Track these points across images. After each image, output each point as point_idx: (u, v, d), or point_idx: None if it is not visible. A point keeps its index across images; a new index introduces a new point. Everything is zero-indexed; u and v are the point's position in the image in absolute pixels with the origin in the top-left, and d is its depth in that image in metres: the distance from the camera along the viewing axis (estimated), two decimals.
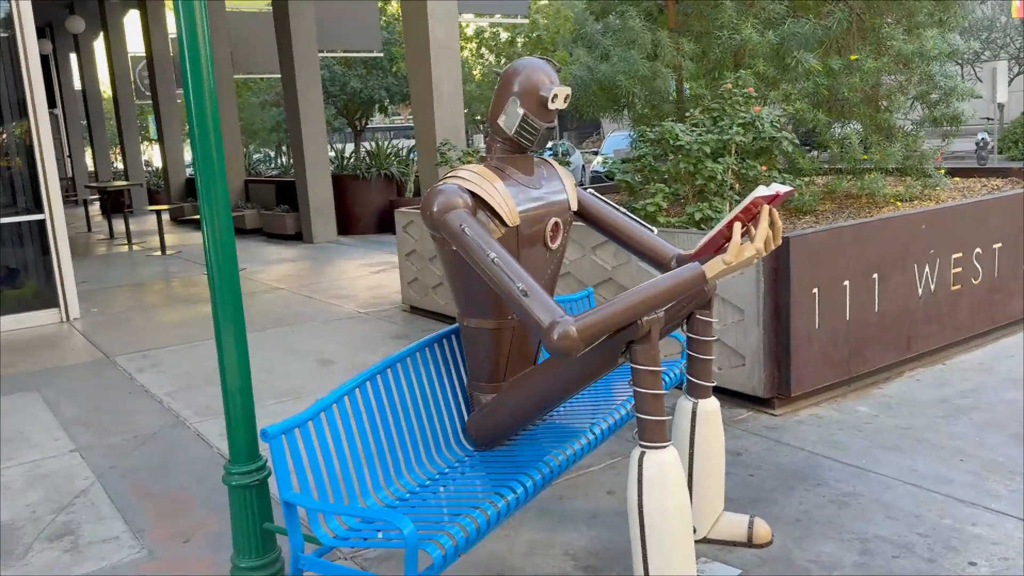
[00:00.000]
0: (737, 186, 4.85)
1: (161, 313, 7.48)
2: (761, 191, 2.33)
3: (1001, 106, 11.71)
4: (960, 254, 4.72)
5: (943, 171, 6.26)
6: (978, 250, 4.81)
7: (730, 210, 4.67)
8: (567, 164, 18.32)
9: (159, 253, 11.63)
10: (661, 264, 2.94)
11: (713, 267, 2.31)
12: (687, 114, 5.22)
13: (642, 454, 2.45)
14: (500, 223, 2.59)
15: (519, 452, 2.83)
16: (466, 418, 2.95)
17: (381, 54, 17.50)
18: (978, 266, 4.82)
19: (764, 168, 4.90)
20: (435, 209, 2.50)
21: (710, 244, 2.44)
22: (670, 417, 2.57)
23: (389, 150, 13.46)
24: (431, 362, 2.89)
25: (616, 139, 17.93)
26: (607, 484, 3.42)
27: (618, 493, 3.32)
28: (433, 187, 2.56)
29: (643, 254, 2.97)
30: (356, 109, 23.73)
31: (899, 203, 5.84)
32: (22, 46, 6.85)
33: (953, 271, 4.68)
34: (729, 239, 2.42)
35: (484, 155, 2.78)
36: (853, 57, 5.92)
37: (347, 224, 12.83)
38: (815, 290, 4.03)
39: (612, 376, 3.37)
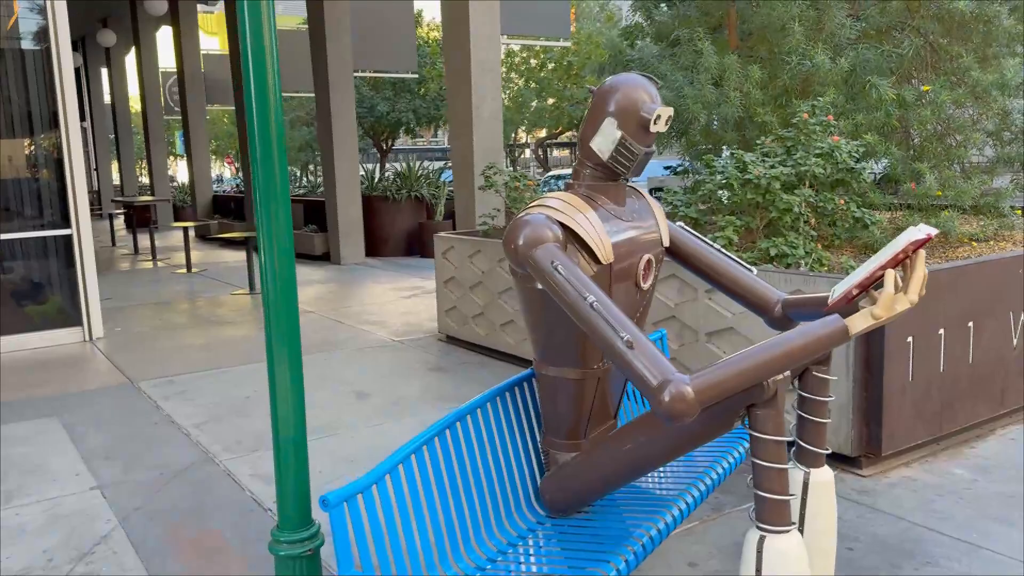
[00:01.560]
0: (813, 220, 4.50)
1: (187, 334, 7.20)
2: (913, 233, 1.99)
3: None
4: None
5: (1020, 211, 5.90)
6: None
7: (818, 247, 4.33)
8: None
9: (184, 271, 11.40)
10: (764, 309, 2.61)
11: (859, 322, 1.97)
12: (756, 143, 4.89)
13: (762, 539, 2.10)
14: (592, 259, 2.27)
15: (599, 522, 2.49)
16: (539, 479, 2.61)
17: (416, 75, 17.33)
18: None
19: (842, 202, 4.55)
20: (521, 243, 2.18)
21: (846, 294, 2.10)
22: (795, 495, 2.22)
23: (420, 172, 13.21)
24: (502, 414, 2.56)
25: (650, 167, 17.59)
26: (687, 555, 3.06)
27: (700, 566, 2.96)
28: (517, 217, 2.24)
29: (743, 297, 2.64)
30: (383, 130, 23.65)
31: (974, 243, 5.47)
32: (56, 59, 6.64)
33: None
34: (865, 288, 2.09)
35: (569, 182, 2.46)
36: (926, 88, 5.58)
37: (375, 246, 12.57)
38: (910, 339, 3.67)
39: None
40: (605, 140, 2.31)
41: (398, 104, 21.72)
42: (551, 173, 22.63)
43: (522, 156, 38.97)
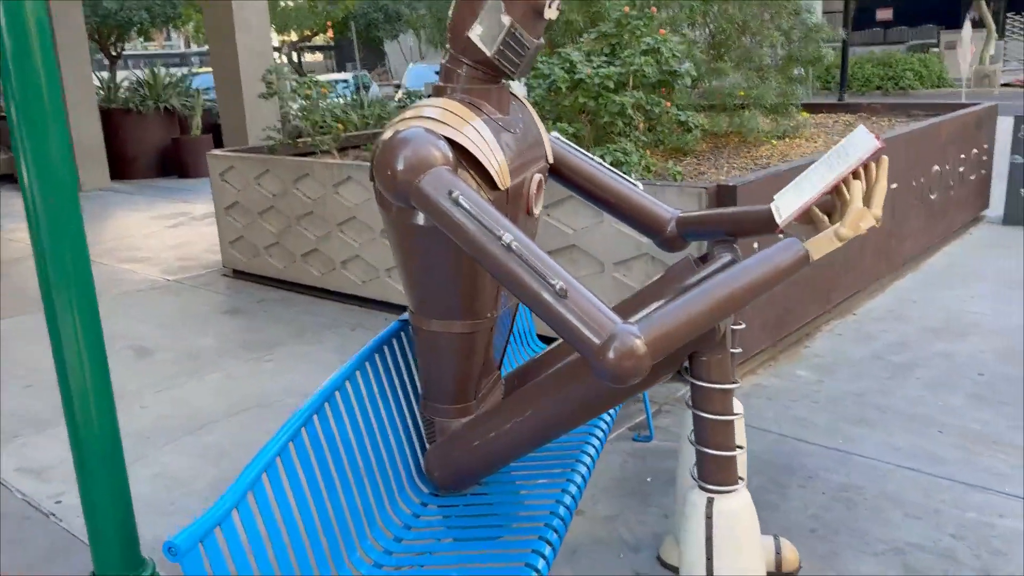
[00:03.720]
0: (642, 124, 4.26)
1: None
2: (865, 140, 1.71)
3: (844, 42, 12.10)
4: None
5: (804, 111, 6.10)
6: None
7: (644, 152, 4.08)
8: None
9: None
10: (655, 229, 2.28)
11: (823, 245, 1.68)
12: (580, 40, 4.53)
13: (710, 501, 1.81)
14: (486, 184, 1.80)
15: (496, 499, 2.10)
16: (419, 453, 2.17)
17: None
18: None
19: (668, 104, 4.34)
20: (400, 168, 1.65)
21: (804, 212, 1.80)
22: (743, 448, 1.95)
23: (167, 79, 11.64)
24: (373, 381, 2.06)
25: (420, 71, 16.87)
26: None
27: (587, 512, 2.68)
28: (392, 135, 1.70)
29: (631, 217, 2.29)
30: (110, 33, 20.76)
31: (774, 141, 5.57)
32: None
33: None
34: (822, 205, 1.81)
35: (439, 85, 1.93)
36: None
37: (121, 168, 11.01)
38: (755, 244, 3.56)
39: None
40: (489, 30, 1.81)
41: (128, 2, 19.06)
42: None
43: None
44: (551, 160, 2.13)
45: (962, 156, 5.66)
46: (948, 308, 4.42)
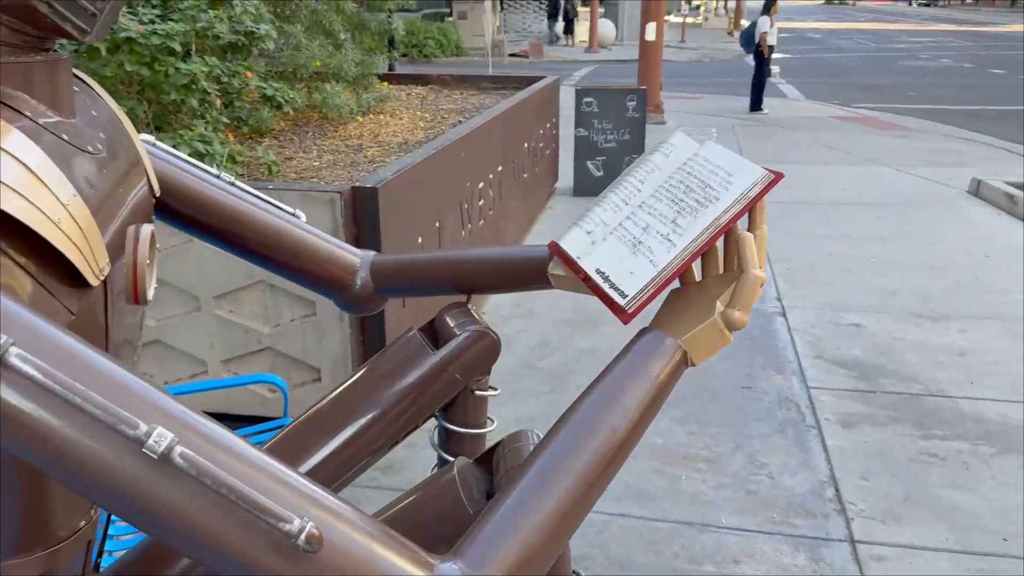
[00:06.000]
0: (219, 101, 3.23)
1: None
2: (751, 168, 1.07)
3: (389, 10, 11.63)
4: (482, 183, 4.03)
5: (384, 82, 5.53)
6: (490, 174, 4.20)
7: (226, 138, 3.07)
8: None
9: None
10: (336, 284, 1.41)
11: (709, 340, 0.98)
12: None
13: None
14: (59, 278, 0.78)
15: None
16: None
17: None
18: (491, 192, 4.22)
19: (249, 75, 3.37)
20: None
21: (656, 288, 1.09)
22: None
23: None
24: None
25: None
26: None
27: None
28: None
29: (299, 269, 1.38)
30: None
31: (360, 118, 4.89)
32: None
33: (479, 203, 3.98)
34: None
35: None
36: None
37: None
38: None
39: None
40: None
41: None
42: None
43: None
44: (157, 191, 1.12)
45: (540, 132, 5.60)
46: (569, 295, 4.24)
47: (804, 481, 2.64)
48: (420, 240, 3.08)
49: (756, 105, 10.55)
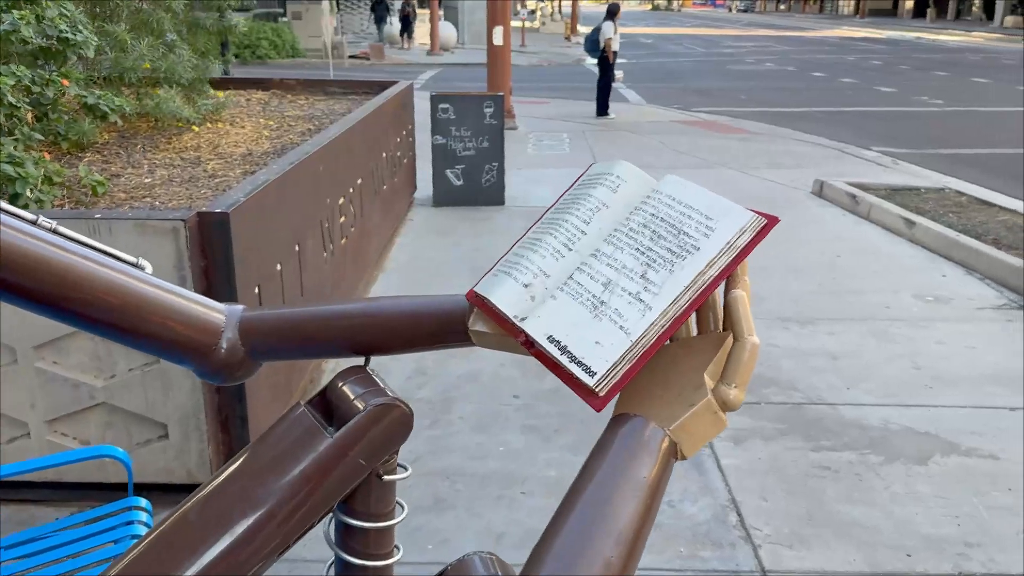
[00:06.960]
0: (31, 115, 2.76)
1: None
2: (736, 210, 0.87)
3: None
4: (342, 199, 3.71)
5: (220, 92, 5.08)
6: (351, 188, 3.88)
7: (42, 158, 2.62)
8: None
9: None
10: (191, 349, 1.11)
11: (703, 427, 0.78)
12: None
13: None
14: None
15: None
16: None
17: None
18: (352, 208, 3.90)
19: (66, 82, 2.91)
20: None
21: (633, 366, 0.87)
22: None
23: None
24: None
25: None
26: None
27: None
28: None
29: (141, 334, 1.08)
30: None
31: (195, 127, 4.44)
32: None
33: (340, 220, 3.65)
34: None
35: None
36: None
37: None
38: (257, 288, 2.51)
39: None
40: None
41: None
42: None
43: None
44: None
45: (397, 140, 5.31)
46: None
47: (706, 508, 2.53)
48: (279, 267, 2.74)
49: (603, 110, 10.68)
